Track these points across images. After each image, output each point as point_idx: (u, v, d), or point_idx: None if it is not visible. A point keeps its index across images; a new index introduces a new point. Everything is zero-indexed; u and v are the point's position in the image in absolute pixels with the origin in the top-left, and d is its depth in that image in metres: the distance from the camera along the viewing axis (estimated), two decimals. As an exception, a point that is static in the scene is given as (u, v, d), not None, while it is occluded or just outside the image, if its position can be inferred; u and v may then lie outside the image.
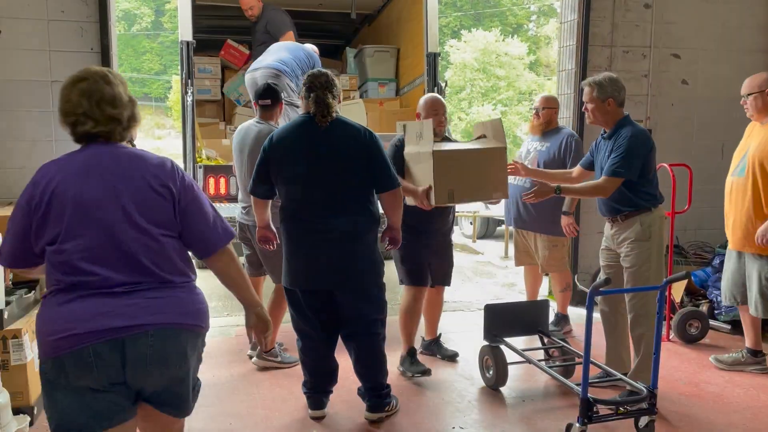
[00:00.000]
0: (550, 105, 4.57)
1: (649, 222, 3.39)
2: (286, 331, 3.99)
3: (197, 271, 2.06)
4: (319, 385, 3.34)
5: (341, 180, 3.06)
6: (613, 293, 3.37)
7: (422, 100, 3.92)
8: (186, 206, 1.97)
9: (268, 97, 3.91)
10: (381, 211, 3.24)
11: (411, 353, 3.95)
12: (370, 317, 3.18)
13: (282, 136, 3.12)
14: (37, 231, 1.87)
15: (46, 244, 1.87)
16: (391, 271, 3.77)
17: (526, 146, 4.69)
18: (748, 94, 3.85)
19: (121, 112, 1.96)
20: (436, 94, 4.20)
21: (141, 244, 1.88)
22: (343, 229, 3.05)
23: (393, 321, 3.71)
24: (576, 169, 3.80)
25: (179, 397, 1.99)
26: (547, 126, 4.56)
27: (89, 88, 1.92)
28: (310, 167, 3.04)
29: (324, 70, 3.20)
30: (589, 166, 3.66)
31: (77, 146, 1.99)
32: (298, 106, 4.99)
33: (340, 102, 3.16)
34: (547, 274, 4.88)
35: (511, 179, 4.62)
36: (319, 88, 3.06)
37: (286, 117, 4.94)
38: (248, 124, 3.98)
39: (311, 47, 5.17)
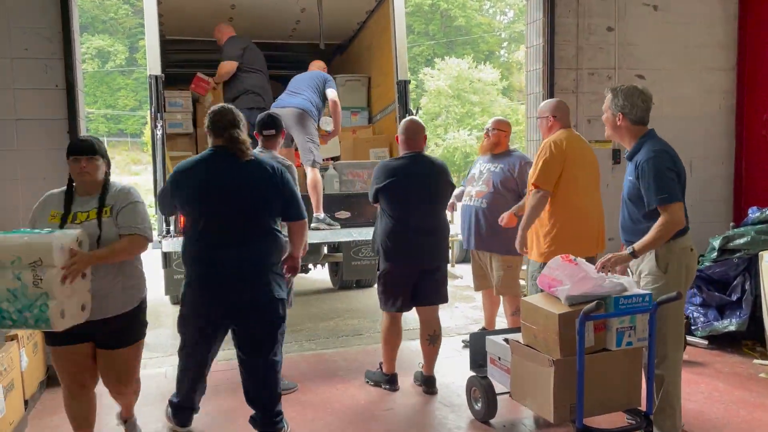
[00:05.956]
0: (500, 127, 4.68)
1: (664, 254, 3.10)
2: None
3: None
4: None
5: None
6: (603, 318, 2.92)
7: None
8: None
9: (272, 127, 3.99)
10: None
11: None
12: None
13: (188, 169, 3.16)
14: None
15: None
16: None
17: (479, 167, 4.73)
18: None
19: None
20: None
21: None
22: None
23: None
24: None
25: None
26: (496, 147, 4.64)
27: None
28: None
29: (228, 107, 3.22)
30: None
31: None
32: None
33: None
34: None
35: (466, 199, 4.71)
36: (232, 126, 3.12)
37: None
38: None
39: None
